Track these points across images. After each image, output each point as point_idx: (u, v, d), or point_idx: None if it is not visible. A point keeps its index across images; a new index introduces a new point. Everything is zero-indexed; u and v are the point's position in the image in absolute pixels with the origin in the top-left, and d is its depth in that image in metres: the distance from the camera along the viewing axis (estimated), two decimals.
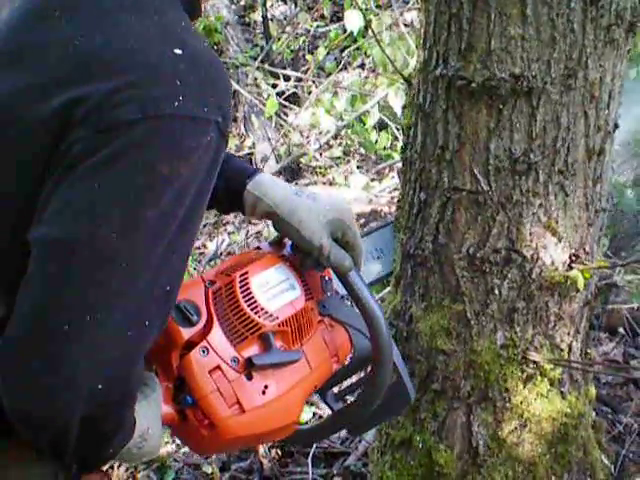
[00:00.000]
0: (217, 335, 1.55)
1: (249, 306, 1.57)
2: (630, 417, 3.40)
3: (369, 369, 1.75)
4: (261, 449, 3.33)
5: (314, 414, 3.54)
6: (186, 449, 3.43)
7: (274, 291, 1.64)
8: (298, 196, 1.72)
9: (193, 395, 1.52)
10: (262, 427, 1.60)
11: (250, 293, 1.59)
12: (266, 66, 7.07)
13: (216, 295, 1.59)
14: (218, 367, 1.52)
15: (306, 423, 1.85)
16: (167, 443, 3.44)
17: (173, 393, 1.55)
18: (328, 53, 7.39)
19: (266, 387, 1.57)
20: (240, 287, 1.59)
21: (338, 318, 1.74)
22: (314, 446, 3.23)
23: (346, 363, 1.80)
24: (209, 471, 3.26)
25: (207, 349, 1.53)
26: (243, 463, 3.32)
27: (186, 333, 1.51)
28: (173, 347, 1.52)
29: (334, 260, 1.69)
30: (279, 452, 3.34)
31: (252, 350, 1.57)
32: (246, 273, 1.62)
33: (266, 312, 1.59)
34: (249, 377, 1.55)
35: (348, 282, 1.70)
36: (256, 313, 1.57)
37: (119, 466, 3.34)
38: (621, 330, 3.92)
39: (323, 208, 1.71)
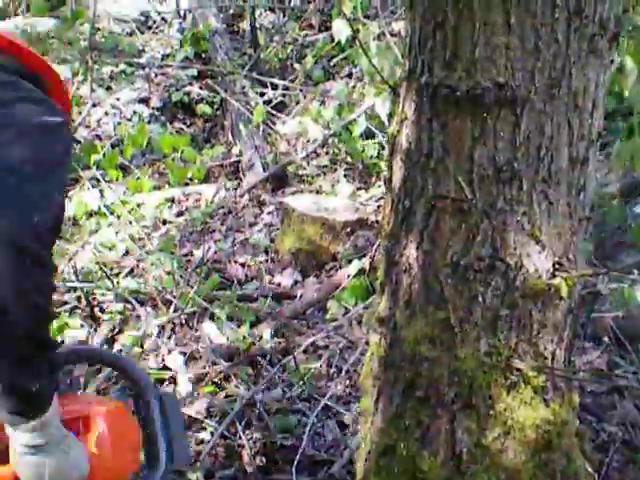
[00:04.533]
0: None
1: None
2: (614, 426, 3.41)
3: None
4: (246, 457, 3.33)
5: (299, 421, 3.55)
6: None
7: None
8: None
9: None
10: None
11: None
12: (254, 74, 7.09)
13: None
14: None
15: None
16: None
17: None
18: (316, 62, 7.42)
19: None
20: None
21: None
22: (298, 454, 3.24)
23: None
24: (193, 478, 3.25)
25: None
26: (228, 471, 3.32)
27: None
28: None
29: None
30: (263, 459, 3.34)
31: None
32: None
33: None
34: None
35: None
36: None
37: None
38: (606, 339, 3.93)
39: None
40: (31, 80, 1.84)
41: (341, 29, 4.81)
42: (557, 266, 2.06)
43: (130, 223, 5.52)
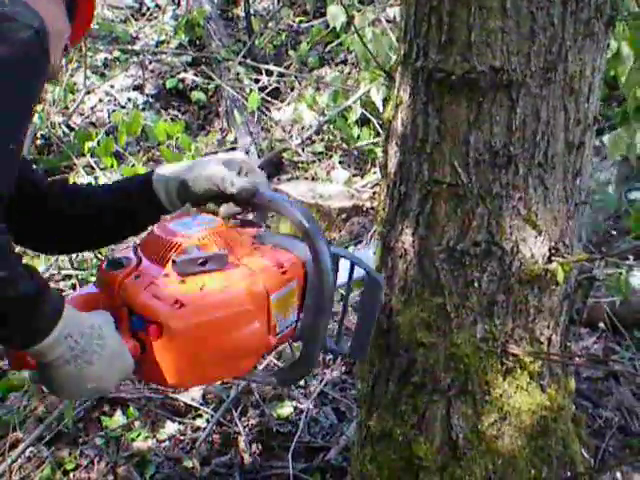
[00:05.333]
0: (146, 264, 1.77)
1: (166, 233, 1.81)
2: (610, 411, 3.42)
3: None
4: (242, 444, 3.33)
5: (295, 408, 3.55)
6: (167, 443, 3.43)
7: (190, 224, 1.86)
8: (195, 160, 2.05)
9: (137, 312, 1.69)
10: (209, 314, 1.71)
11: (166, 227, 1.84)
12: (248, 61, 7.07)
13: (141, 245, 1.84)
14: (151, 283, 1.71)
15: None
16: (147, 438, 3.43)
17: (129, 328, 1.71)
18: (311, 48, 7.40)
19: (203, 285, 1.72)
20: (157, 227, 1.85)
21: (272, 243, 1.94)
22: (294, 441, 3.24)
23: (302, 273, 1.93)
24: (190, 465, 3.25)
25: (139, 275, 1.73)
26: (224, 457, 3.32)
27: (119, 274, 1.74)
28: (115, 290, 1.73)
29: (238, 185, 1.91)
30: (260, 446, 3.34)
31: None
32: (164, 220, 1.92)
33: (183, 235, 1.79)
34: (183, 282, 1.71)
35: (261, 200, 1.93)
36: (173, 236, 1.79)
37: (99, 461, 3.34)
38: (602, 325, 3.94)
39: (216, 157, 2.02)
40: None
41: (336, 15, 4.80)
42: (553, 251, 2.05)
43: None
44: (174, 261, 1.73)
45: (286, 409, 3.54)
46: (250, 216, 2.08)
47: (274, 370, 2.16)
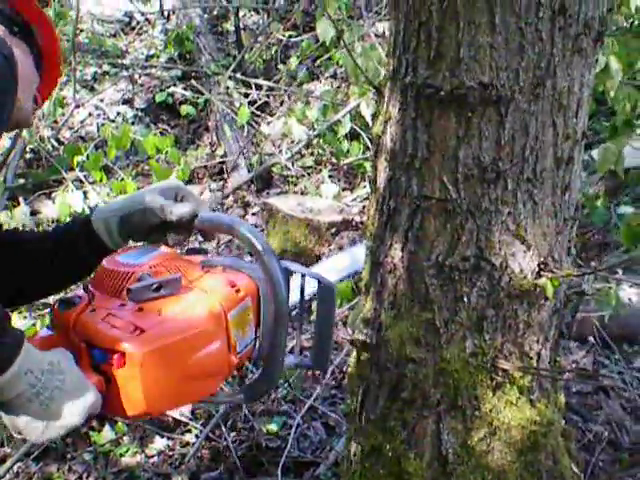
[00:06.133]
0: (100, 298, 1.77)
1: (116, 266, 1.81)
2: (600, 425, 3.42)
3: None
4: (231, 459, 3.31)
5: (284, 423, 3.54)
6: (156, 459, 3.41)
7: (139, 254, 1.88)
8: (131, 195, 2.04)
9: (97, 344, 1.67)
10: (170, 338, 1.70)
11: (115, 260, 1.84)
12: (238, 75, 7.07)
13: (92, 282, 1.84)
14: (108, 314, 1.71)
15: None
16: (136, 453, 3.42)
17: (90, 363, 1.69)
18: (300, 63, 7.42)
19: (160, 310, 1.72)
20: (106, 262, 1.85)
21: (221, 265, 1.96)
22: (284, 455, 3.23)
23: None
24: None
25: (94, 309, 1.72)
26: (213, 473, 3.30)
27: (73, 312, 1.73)
28: (70, 327, 1.72)
29: (177, 212, 1.93)
30: (249, 462, 3.33)
31: None
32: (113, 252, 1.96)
33: (134, 264, 1.81)
34: (140, 310, 1.72)
35: (203, 222, 1.95)
36: (125, 266, 1.80)
37: (88, 476, 3.32)
38: (591, 339, 3.94)
39: (151, 187, 2.02)
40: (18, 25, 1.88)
41: (326, 30, 4.80)
42: (542, 266, 2.05)
43: None
44: (129, 289, 1.72)
45: (275, 424, 3.53)
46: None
47: (237, 389, 2.15)
